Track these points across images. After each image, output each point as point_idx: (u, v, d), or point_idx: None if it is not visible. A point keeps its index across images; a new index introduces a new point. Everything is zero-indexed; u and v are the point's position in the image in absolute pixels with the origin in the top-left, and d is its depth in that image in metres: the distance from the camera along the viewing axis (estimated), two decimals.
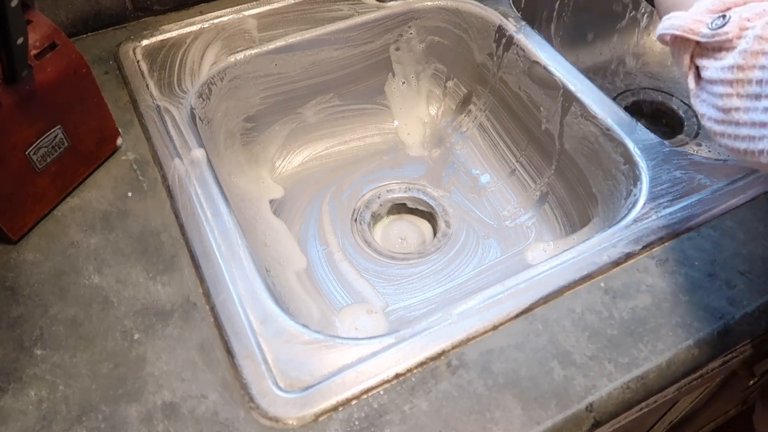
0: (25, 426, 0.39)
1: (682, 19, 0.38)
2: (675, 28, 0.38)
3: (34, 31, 0.47)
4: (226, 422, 0.39)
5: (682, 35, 0.38)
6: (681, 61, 0.39)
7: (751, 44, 0.33)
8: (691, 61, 0.39)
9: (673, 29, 0.38)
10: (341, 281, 0.65)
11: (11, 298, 0.45)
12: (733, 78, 0.34)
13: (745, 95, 0.34)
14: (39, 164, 0.48)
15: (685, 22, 0.38)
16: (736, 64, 0.34)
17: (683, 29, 0.38)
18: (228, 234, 0.49)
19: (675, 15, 0.39)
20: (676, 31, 0.38)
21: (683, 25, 0.38)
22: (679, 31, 0.38)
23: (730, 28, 0.35)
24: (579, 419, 0.40)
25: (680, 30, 0.38)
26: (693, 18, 0.37)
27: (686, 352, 0.43)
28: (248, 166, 0.71)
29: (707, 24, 0.36)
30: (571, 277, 0.46)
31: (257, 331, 0.43)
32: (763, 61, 0.33)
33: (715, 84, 0.36)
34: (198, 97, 0.62)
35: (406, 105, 0.81)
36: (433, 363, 0.42)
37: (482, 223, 0.71)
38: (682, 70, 0.39)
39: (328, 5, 0.71)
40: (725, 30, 0.35)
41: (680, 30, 0.38)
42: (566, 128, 0.66)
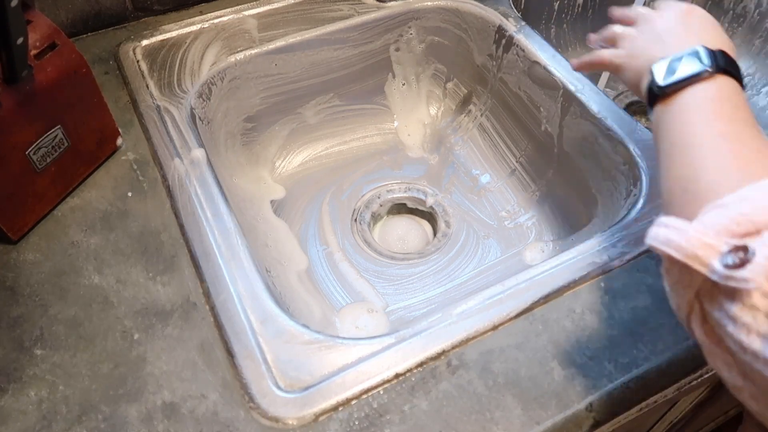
0: (25, 426, 0.39)
1: (686, 236, 0.26)
2: (673, 247, 0.26)
3: (34, 31, 0.47)
4: (226, 422, 0.39)
5: (683, 262, 0.26)
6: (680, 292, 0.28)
7: None
8: (696, 299, 0.27)
9: (670, 248, 0.27)
10: (341, 281, 0.65)
11: (11, 298, 0.45)
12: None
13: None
14: (39, 164, 0.48)
15: (689, 243, 0.26)
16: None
17: (685, 253, 0.26)
18: (228, 234, 0.49)
19: (675, 225, 0.27)
20: (674, 253, 0.26)
21: (686, 248, 0.26)
22: (679, 255, 0.26)
23: (753, 275, 0.24)
24: (579, 419, 0.40)
25: (680, 253, 0.26)
26: (702, 239, 0.26)
27: (686, 352, 0.43)
28: (249, 167, 0.71)
29: (720, 253, 0.25)
30: (571, 277, 0.46)
31: (257, 331, 0.43)
32: None
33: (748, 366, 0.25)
34: (198, 97, 0.62)
35: (406, 105, 0.81)
36: (433, 363, 0.42)
37: (482, 223, 0.71)
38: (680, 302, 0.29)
39: (328, 5, 0.71)
40: (744, 275, 0.24)
41: (680, 253, 0.26)
42: (566, 128, 0.66)
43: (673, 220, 0.27)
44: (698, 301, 0.27)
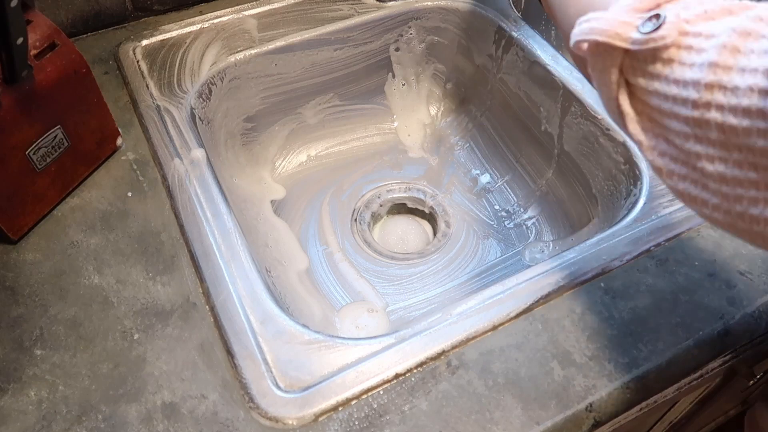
0: (25, 426, 0.39)
1: (605, 20, 0.29)
2: (597, 32, 0.29)
3: (34, 31, 0.47)
4: (226, 422, 0.39)
5: (606, 42, 0.29)
6: (605, 78, 0.31)
7: (705, 73, 0.26)
8: (620, 76, 0.30)
9: (594, 34, 0.29)
10: (341, 281, 0.65)
11: (11, 298, 0.45)
12: (688, 116, 0.26)
13: (707, 140, 0.26)
14: (39, 164, 0.48)
15: (608, 24, 0.29)
16: (690, 99, 0.26)
17: (607, 34, 0.29)
18: (228, 234, 0.49)
19: (594, 16, 0.30)
20: (599, 37, 0.29)
21: (607, 29, 0.29)
22: (603, 37, 0.29)
23: (667, 32, 0.27)
24: (579, 419, 0.40)
25: (604, 35, 0.29)
26: (618, 19, 0.29)
27: (686, 352, 0.43)
28: (249, 167, 0.71)
29: (637, 26, 0.29)
30: (571, 277, 0.46)
31: (257, 331, 0.43)
32: (720, 98, 0.25)
33: (665, 116, 0.28)
34: (198, 97, 0.62)
35: (406, 105, 0.81)
36: (433, 363, 0.42)
37: (482, 223, 0.71)
38: (607, 89, 0.31)
39: (328, 5, 0.71)
40: (661, 34, 0.27)
41: (604, 35, 0.29)
42: (566, 128, 0.66)
43: (592, 13, 0.30)
44: (623, 76, 0.30)
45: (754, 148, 0.24)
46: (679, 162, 0.28)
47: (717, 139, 0.26)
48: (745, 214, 0.26)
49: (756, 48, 0.24)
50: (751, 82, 0.24)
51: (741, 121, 0.24)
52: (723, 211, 0.27)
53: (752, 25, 0.25)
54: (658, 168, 0.30)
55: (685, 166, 0.28)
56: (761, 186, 0.25)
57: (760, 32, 0.25)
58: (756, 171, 0.25)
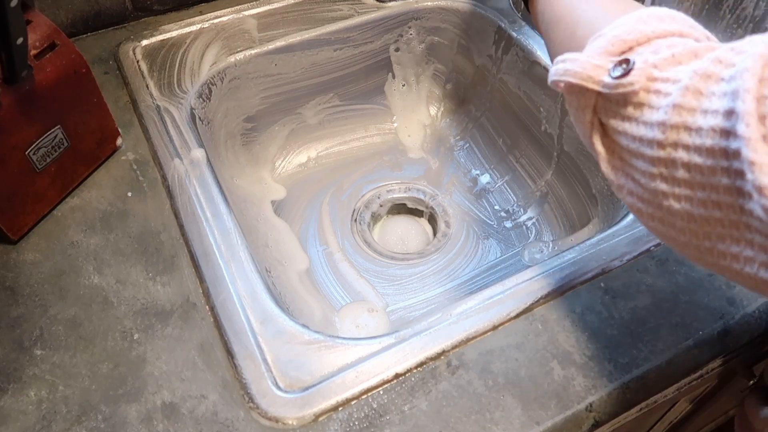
0: (25, 426, 0.39)
1: (578, 63, 0.31)
2: (570, 74, 0.31)
3: (34, 31, 0.47)
4: (226, 422, 0.39)
5: (579, 84, 0.31)
6: (581, 117, 0.32)
7: (669, 115, 0.27)
8: (594, 116, 0.32)
9: (568, 76, 0.31)
10: (341, 281, 0.65)
11: (11, 298, 0.45)
12: (654, 156, 0.27)
13: (672, 180, 0.27)
14: (39, 164, 0.48)
15: (582, 67, 0.31)
16: (656, 139, 0.27)
17: (580, 77, 0.30)
18: (228, 234, 0.49)
19: (569, 57, 0.32)
20: (572, 79, 0.31)
21: (580, 72, 0.30)
22: (576, 79, 0.31)
23: (636, 78, 0.29)
24: (579, 419, 0.40)
25: (576, 78, 0.31)
26: (590, 62, 0.30)
27: (686, 352, 0.43)
28: (249, 167, 0.71)
29: (608, 70, 0.30)
30: (570, 277, 0.46)
31: (257, 331, 0.43)
32: (686, 138, 0.26)
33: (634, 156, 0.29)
34: (198, 98, 0.62)
35: (406, 106, 0.81)
36: (433, 363, 0.42)
37: (482, 224, 0.71)
38: (583, 127, 0.32)
39: (328, 5, 0.71)
40: (630, 80, 0.29)
41: (576, 78, 0.31)
42: (566, 128, 0.66)
43: (567, 54, 0.32)
44: (596, 116, 0.32)
45: (718, 186, 0.25)
46: (647, 201, 0.29)
47: (683, 178, 0.26)
48: (714, 249, 0.27)
49: (716, 90, 0.25)
50: (713, 122, 0.25)
51: (705, 160, 0.25)
52: (692, 247, 0.28)
53: (712, 67, 0.26)
54: (629, 206, 0.31)
55: (651, 206, 0.29)
56: (726, 223, 0.25)
57: (719, 75, 0.26)
58: (720, 209, 0.25)
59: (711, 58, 0.27)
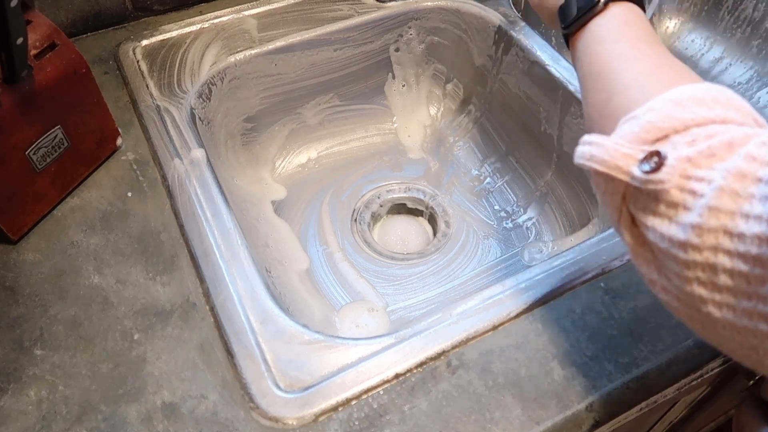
0: (25, 426, 0.39)
1: (606, 150, 0.28)
2: (597, 161, 0.28)
3: (34, 31, 0.47)
4: (226, 422, 0.39)
5: (606, 173, 0.28)
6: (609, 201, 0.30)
7: (705, 218, 0.24)
8: (623, 203, 0.29)
9: (594, 163, 0.28)
10: (341, 281, 0.65)
11: (11, 298, 0.45)
12: (689, 259, 0.25)
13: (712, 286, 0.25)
14: (39, 164, 0.48)
15: (609, 155, 0.28)
16: (689, 242, 0.25)
17: (607, 165, 0.28)
18: (228, 234, 0.49)
19: (596, 141, 0.29)
20: (599, 167, 0.28)
21: (607, 160, 0.28)
22: (603, 168, 0.28)
23: (668, 176, 0.26)
24: (579, 419, 0.40)
25: (604, 166, 0.28)
26: (619, 150, 0.28)
27: (686, 352, 0.43)
28: (249, 167, 0.71)
29: (638, 161, 0.27)
30: (571, 277, 0.46)
31: (257, 331, 0.43)
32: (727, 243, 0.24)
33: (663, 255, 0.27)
34: (198, 98, 0.62)
35: (407, 106, 0.81)
36: (433, 363, 0.42)
37: (482, 224, 0.71)
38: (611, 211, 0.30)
39: (328, 5, 0.71)
40: (661, 177, 0.26)
41: (604, 166, 0.28)
42: (566, 129, 0.66)
43: (594, 137, 0.29)
44: (625, 205, 0.29)
45: (766, 296, 0.23)
46: (683, 303, 0.27)
47: (725, 285, 0.24)
48: (763, 363, 0.25)
49: (756, 192, 0.24)
50: (757, 230, 0.23)
51: (752, 269, 0.23)
52: (739, 356, 0.26)
53: (746, 165, 0.25)
54: (664, 303, 0.29)
55: (689, 308, 0.27)
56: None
57: (755, 174, 0.24)
58: (767, 322, 0.23)
59: (743, 155, 0.25)
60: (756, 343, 0.24)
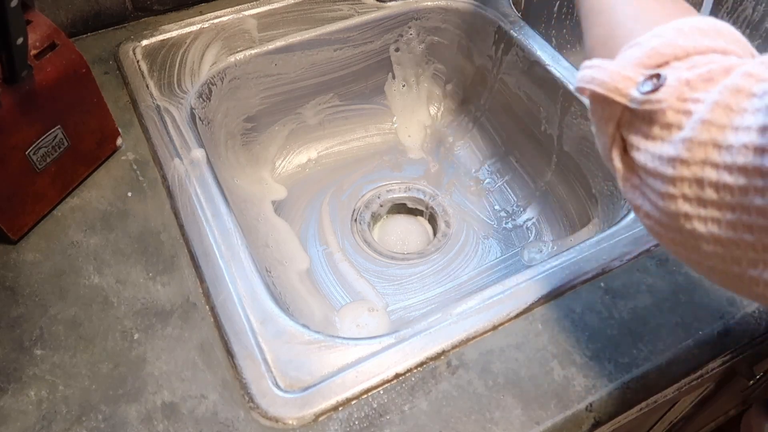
0: (25, 426, 0.39)
1: (607, 72, 0.29)
2: (597, 83, 0.29)
3: (34, 31, 0.47)
4: (226, 422, 0.39)
5: (605, 95, 0.28)
6: (603, 128, 0.30)
7: (697, 132, 0.25)
8: (617, 131, 0.30)
9: (594, 85, 0.29)
10: (341, 281, 0.65)
11: (11, 298, 0.45)
12: (676, 175, 0.26)
13: (698, 201, 0.25)
14: (39, 164, 0.48)
15: (610, 77, 0.28)
16: (679, 157, 0.25)
17: (607, 87, 0.28)
18: (228, 234, 0.49)
19: (598, 64, 0.29)
20: (598, 89, 0.29)
21: (607, 82, 0.28)
22: (602, 89, 0.28)
23: (666, 96, 0.27)
24: (579, 419, 0.40)
25: (603, 88, 0.28)
26: (620, 73, 0.28)
27: (686, 352, 0.43)
28: (249, 167, 0.71)
29: (638, 83, 0.28)
30: (571, 277, 0.46)
31: (257, 331, 0.43)
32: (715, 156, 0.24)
33: (651, 176, 0.27)
34: (198, 98, 0.62)
35: (407, 106, 0.81)
36: (433, 363, 0.42)
37: (482, 224, 0.71)
38: (604, 139, 0.30)
39: (328, 5, 0.71)
40: (658, 97, 0.27)
41: (603, 88, 0.28)
42: (566, 128, 0.66)
43: (596, 61, 0.30)
44: (619, 131, 0.30)
45: (750, 207, 0.24)
46: (665, 226, 0.28)
47: (710, 199, 0.25)
48: (744, 275, 0.25)
49: (749, 106, 0.24)
50: (745, 139, 0.23)
51: (737, 180, 0.24)
52: (719, 272, 0.27)
53: (742, 81, 0.25)
54: (647, 228, 0.30)
55: (671, 230, 0.27)
56: (758, 248, 0.24)
57: (750, 89, 0.24)
58: (752, 232, 0.24)
59: (741, 73, 0.25)
60: (739, 254, 0.25)
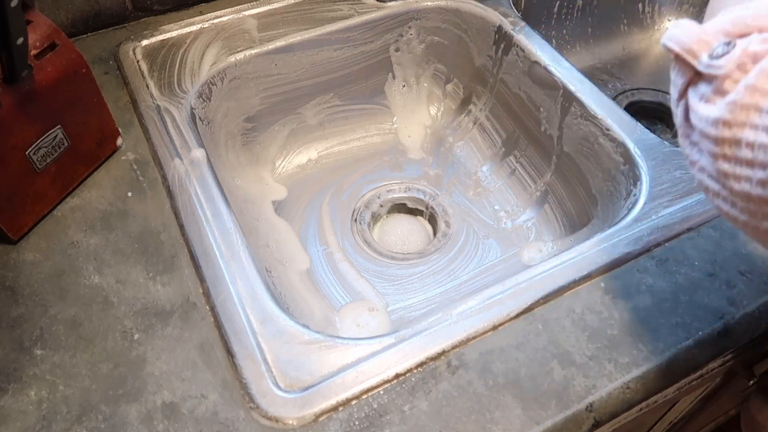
0: (25, 426, 0.39)
1: (690, 32, 0.30)
2: (676, 42, 0.30)
3: (34, 31, 0.47)
4: (226, 422, 0.39)
5: (679, 54, 0.30)
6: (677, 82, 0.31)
7: (741, 95, 0.26)
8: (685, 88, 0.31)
9: (673, 43, 0.30)
10: (341, 281, 0.65)
11: (11, 298, 0.45)
12: (718, 135, 0.27)
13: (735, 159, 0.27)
14: (39, 164, 0.48)
15: (689, 38, 0.29)
16: (722, 119, 0.27)
17: (684, 47, 0.29)
18: (228, 234, 0.49)
19: (686, 24, 0.30)
20: (676, 47, 0.30)
21: (686, 42, 0.29)
22: (679, 48, 0.30)
23: (726, 62, 0.27)
24: (579, 419, 0.40)
25: (680, 47, 0.30)
26: (700, 36, 0.29)
27: (686, 352, 0.43)
28: (249, 167, 0.71)
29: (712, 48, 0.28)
30: (571, 277, 0.46)
31: (257, 331, 0.43)
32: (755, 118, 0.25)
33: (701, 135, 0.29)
34: (198, 98, 0.62)
35: (407, 106, 0.81)
36: (433, 363, 0.42)
37: (482, 224, 0.71)
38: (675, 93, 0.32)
39: (328, 5, 0.71)
40: (720, 63, 0.27)
41: (680, 47, 0.30)
42: (566, 129, 0.66)
43: (687, 21, 0.31)
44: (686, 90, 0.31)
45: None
46: (713, 179, 0.29)
47: (744, 157, 0.26)
48: None
49: None
50: None
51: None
52: (751, 227, 0.28)
53: None
54: (699, 182, 0.31)
55: (717, 184, 0.29)
56: None
57: None
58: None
59: None
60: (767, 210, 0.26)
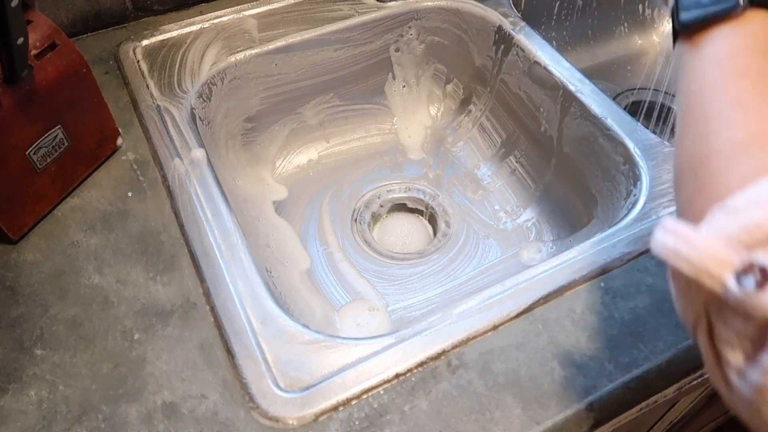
0: (25, 426, 0.39)
1: (696, 248, 0.22)
2: (683, 260, 0.23)
3: (34, 31, 0.47)
4: (226, 422, 0.39)
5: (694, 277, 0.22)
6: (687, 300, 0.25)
7: None
8: (703, 308, 0.24)
9: (679, 261, 0.23)
10: (341, 281, 0.65)
11: (11, 298, 0.45)
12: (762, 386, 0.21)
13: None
14: (39, 164, 0.48)
15: (698, 256, 0.22)
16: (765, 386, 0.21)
17: (696, 268, 0.22)
18: (228, 234, 0.49)
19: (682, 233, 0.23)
20: (685, 268, 0.23)
21: (695, 262, 0.22)
22: (689, 269, 0.22)
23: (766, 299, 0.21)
24: (579, 419, 0.40)
25: (692, 268, 0.22)
26: (713, 253, 0.22)
27: (686, 352, 0.43)
28: (249, 167, 0.71)
29: (734, 270, 0.21)
30: (571, 277, 0.46)
31: (257, 331, 0.43)
32: None
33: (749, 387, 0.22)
34: (198, 98, 0.62)
35: (407, 106, 0.81)
36: (433, 363, 0.42)
37: (482, 224, 0.71)
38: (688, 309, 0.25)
39: (328, 5, 0.71)
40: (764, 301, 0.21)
41: (692, 268, 0.22)
42: (566, 129, 0.66)
43: (680, 226, 0.23)
44: (705, 311, 0.24)
45: None
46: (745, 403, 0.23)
47: None
48: None
49: None
50: None
51: None
52: None
53: None
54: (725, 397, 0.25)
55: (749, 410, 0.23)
56: None
57: None
58: None
59: None
60: None
